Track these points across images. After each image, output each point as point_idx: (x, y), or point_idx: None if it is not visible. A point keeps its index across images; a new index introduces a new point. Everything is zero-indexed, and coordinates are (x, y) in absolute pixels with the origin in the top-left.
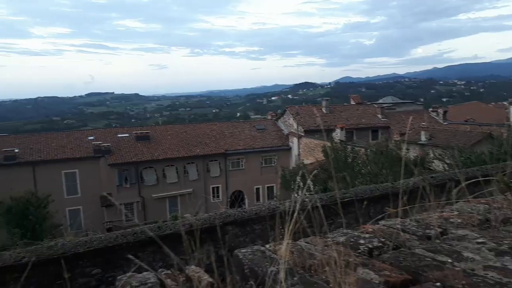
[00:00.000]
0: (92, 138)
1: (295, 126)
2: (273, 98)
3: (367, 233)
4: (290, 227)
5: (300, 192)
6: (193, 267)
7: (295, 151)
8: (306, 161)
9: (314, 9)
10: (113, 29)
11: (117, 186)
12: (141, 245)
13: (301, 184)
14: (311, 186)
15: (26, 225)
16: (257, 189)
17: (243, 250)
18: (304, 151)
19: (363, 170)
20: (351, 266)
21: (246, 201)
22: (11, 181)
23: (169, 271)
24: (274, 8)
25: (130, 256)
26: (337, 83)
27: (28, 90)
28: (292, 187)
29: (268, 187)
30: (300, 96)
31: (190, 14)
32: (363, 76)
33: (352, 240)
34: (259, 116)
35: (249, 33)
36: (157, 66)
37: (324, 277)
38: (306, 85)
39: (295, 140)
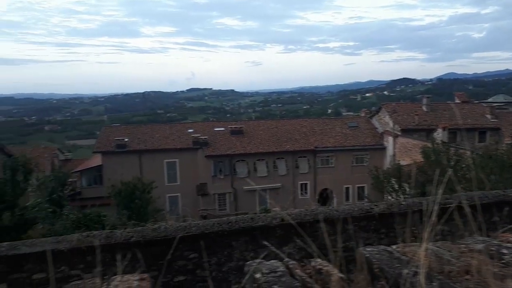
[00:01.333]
0: (191, 130)
1: (391, 124)
2: (367, 94)
3: (508, 242)
4: (428, 229)
5: (394, 194)
6: (318, 260)
7: (389, 151)
8: (402, 162)
9: (416, 1)
10: (213, 27)
11: (212, 176)
12: (235, 234)
13: (396, 186)
14: (407, 189)
15: (133, 208)
16: (347, 188)
17: (368, 249)
18: (400, 152)
19: (467, 175)
20: (498, 277)
21: (335, 200)
22: (121, 167)
23: (294, 262)
24: (372, 2)
25: (266, 243)
26: (439, 79)
27: (137, 85)
28: (386, 188)
29: (358, 187)
30: (397, 93)
31: (286, 11)
32: (470, 72)
33: (492, 249)
34: (351, 113)
35: (344, 28)
36: (252, 63)
37: (470, 286)
38: (405, 81)
39: (390, 139)
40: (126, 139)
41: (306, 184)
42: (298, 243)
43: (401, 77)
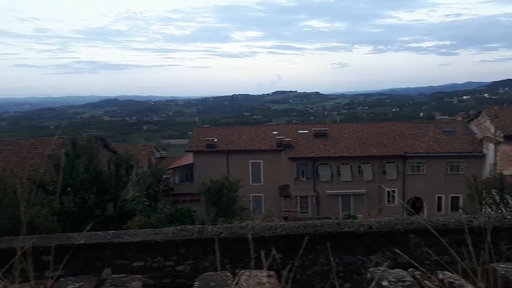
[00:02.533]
0: (275, 133)
1: (492, 130)
2: (464, 97)
3: None
4: None
5: (494, 207)
6: (446, 272)
7: (490, 159)
8: (505, 172)
9: None
10: (300, 30)
11: (295, 179)
12: (320, 238)
13: (498, 198)
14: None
15: (220, 205)
16: (439, 198)
17: (502, 265)
18: (503, 160)
19: None
20: None
21: (425, 209)
22: (211, 165)
23: (418, 272)
24: None
25: (397, 250)
26: None
27: (226, 88)
28: (485, 200)
29: (452, 197)
30: (500, 96)
31: (376, 11)
32: None
33: None
34: (446, 116)
35: (440, 26)
36: (338, 64)
37: None
38: (509, 82)
39: (491, 146)
40: (215, 140)
41: (393, 191)
42: (386, 253)
43: (505, 78)
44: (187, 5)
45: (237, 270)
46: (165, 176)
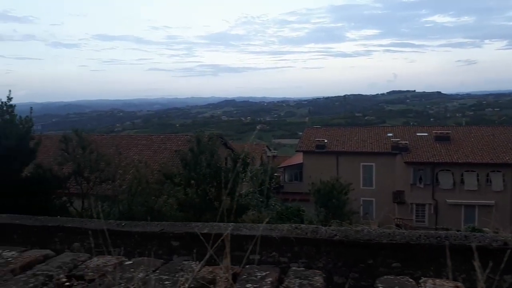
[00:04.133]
0: (390, 135)
1: None
2: None
3: None
4: None
5: None
6: None
7: None
8: None
9: None
10: (421, 26)
11: (411, 184)
12: (444, 250)
13: None
14: None
15: (330, 207)
16: None
17: None
18: None
19: None
20: None
21: None
22: (320, 166)
23: None
24: None
25: None
26: None
27: (338, 88)
28: None
29: None
30: None
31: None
32: None
33: None
34: None
35: None
36: (464, 62)
37: None
38: None
39: None
40: (326, 140)
41: None
42: None
43: None
44: (302, 6)
45: (420, 278)
46: (276, 174)
